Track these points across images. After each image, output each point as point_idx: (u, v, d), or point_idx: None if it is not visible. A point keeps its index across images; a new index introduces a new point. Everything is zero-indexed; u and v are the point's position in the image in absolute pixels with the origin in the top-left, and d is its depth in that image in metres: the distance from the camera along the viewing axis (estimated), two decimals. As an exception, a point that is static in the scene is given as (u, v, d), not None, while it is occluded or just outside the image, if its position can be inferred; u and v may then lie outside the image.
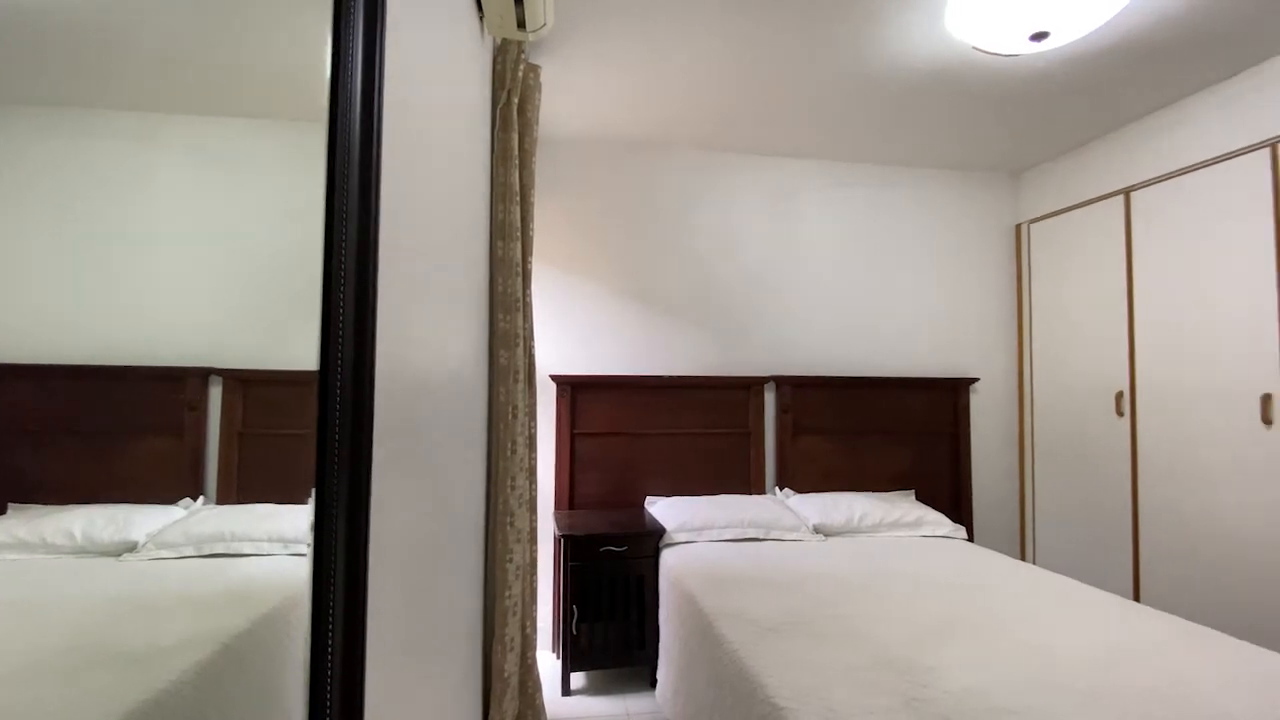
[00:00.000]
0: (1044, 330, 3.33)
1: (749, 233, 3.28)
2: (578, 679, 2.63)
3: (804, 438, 3.22)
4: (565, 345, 3.05)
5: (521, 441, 1.81)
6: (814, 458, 3.22)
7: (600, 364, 3.08)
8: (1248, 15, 2.00)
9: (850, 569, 2.27)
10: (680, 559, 2.43)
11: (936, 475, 3.34)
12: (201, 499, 0.55)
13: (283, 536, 0.62)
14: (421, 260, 1.00)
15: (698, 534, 2.64)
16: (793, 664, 1.52)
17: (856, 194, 3.40)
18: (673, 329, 3.18)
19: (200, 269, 0.57)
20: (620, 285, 3.13)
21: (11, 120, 0.39)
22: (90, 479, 0.44)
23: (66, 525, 0.44)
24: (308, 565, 0.62)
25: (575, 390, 3.00)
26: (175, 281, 0.53)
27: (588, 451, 3.00)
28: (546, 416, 2.98)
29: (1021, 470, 3.46)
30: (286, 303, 0.63)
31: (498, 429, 1.79)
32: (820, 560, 2.38)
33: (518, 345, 1.80)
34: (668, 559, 2.49)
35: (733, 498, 2.96)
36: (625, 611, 2.58)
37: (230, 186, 0.61)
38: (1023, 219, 3.51)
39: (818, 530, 2.77)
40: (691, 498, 2.95)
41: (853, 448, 3.26)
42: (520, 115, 1.96)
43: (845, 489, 3.20)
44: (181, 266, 0.54)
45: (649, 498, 3.03)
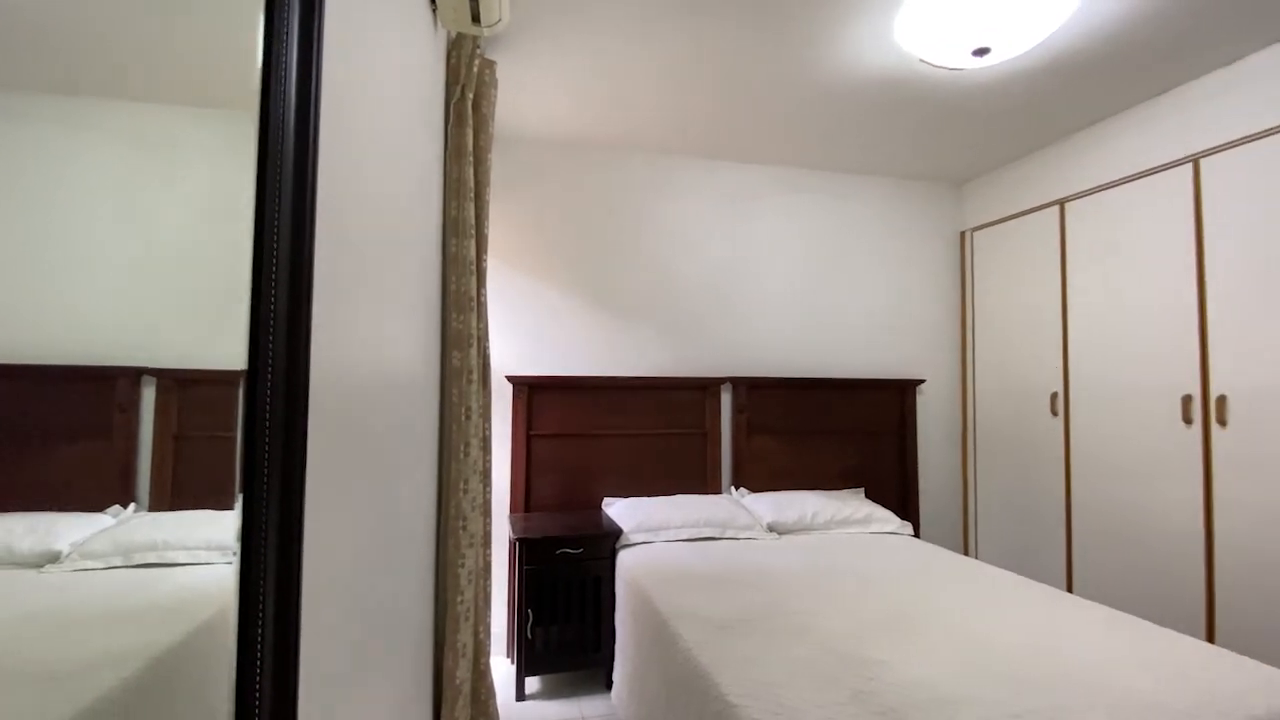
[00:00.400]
0: (986, 333, 3.49)
1: (707, 236, 3.32)
2: (533, 683, 2.61)
3: (759, 437, 3.27)
4: (522, 346, 3.02)
5: (475, 444, 1.78)
6: (768, 457, 3.28)
7: (558, 365, 3.06)
8: (1171, 40, 2.15)
9: (802, 566, 2.32)
10: (637, 560, 2.43)
11: (885, 473, 3.45)
12: (133, 506, 0.52)
13: (220, 544, 0.59)
14: (365, 256, 0.98)
15: (654, 534, 2.65)
16: (745, 661, 1.54)
17: (810, 200, 3.48)
18: (631, 330, 3.18)
19: (131, 262, 0.54)
20: (578, 285, 3.12)
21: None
22: (9, 485, 0.41)
23: (-20, 535, 0.41)
24: (233, 576, 0.59)
25: (532, 391, 2.97)
26: (104, 275, 0.51)
27: (544, 453, 2.98)
28: (502, 418, 2.94)
29: (964, 468, 3.61)
30: (225, 298, 0.61)
31: (450, 431, 1.76)
32: (774, 558, 2.43)
33: (471, 345, 1.77)
34: (625, 560, 2.49)
35: (689, 498, 2.98)
36: (581, 614, 2.57)
37: (163, 176, 0.58)
38: (966, 227, 3.66)
39: (771, 528, 2.83)
40: (649, 498, 2.96)
41: (806, 447, 3.34)
42: (475, 111, 1.93)
43: (798, 487, 3.27)
44: (111, 259, 0.52)
45: (606, 499, 3.02)
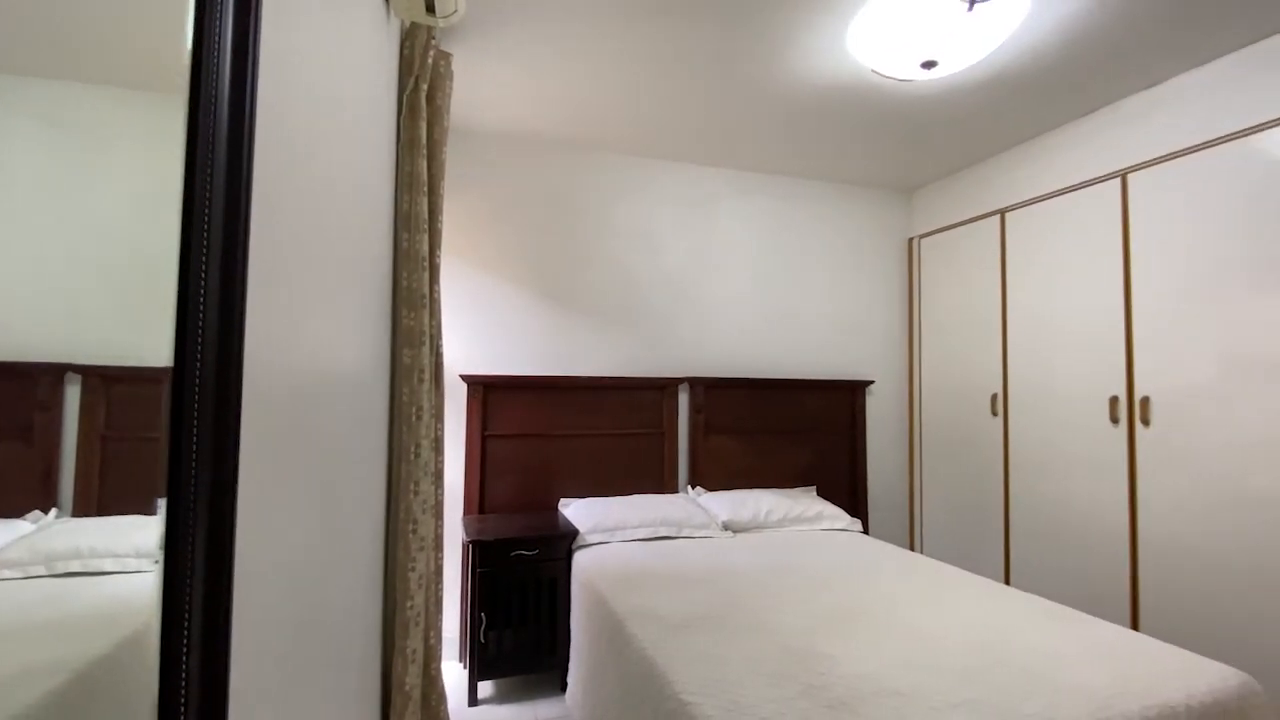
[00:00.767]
0: (931, 337, 3.62)
1: (666, 236, 3.33)
2: (485, 688, 2.57)
3: (716, 437, 3.31)
4: (477, 344, 2.97)
5: (427, 445, 1.74)
6: (725, 456, 3.32)
7: (514, 364, 3.03)
8: (1101, 62, 2.27)
9: (756, 564, 2.36)
10: (593, 560, 2.42)
11: (836, 471, 3.54)
12: (55, 511, 0.49)
13: (151, 552, 0.56)
14: (308, 248, 0.94)
15: (611, 534, 2.65)
16: (699, 659, 1.56)
17: (767, 203, 3.54)
18: (589, 329, 3.17)
19: (56, 251, 0.50)
20: (535, 284, 3.09)
21: None
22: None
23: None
24: (155, 589, 0.55)
25: (487, 391, 2.92)
26: (25, 265, 0.47)
27: (500, 454, 2.93)
28: (456, 418, 2.89)
29: (911, 466, 3.73)
30: (159, 290, 0.57)
31: (400, 431, 1.71)
32: (729, 556, 2.46)
33: (423, 344, 1.73)
34: (581, 560, 2.48)
35: (646, 497, 2.99)
36: (536, 616, 2.54)
37: (91, 160, 0.55)
38: (914, 234, 3.80)
39: (727, 527, 2.86)
40: (606, 499, 2.95)
41: (761, 446, 3.39)
42: (430, 103, 1.89)
43: (753, 486, 3.32)
44: (34, 248, 0.48)
45: (563, 500, 3.00)
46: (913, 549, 3.65)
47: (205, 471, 0.57)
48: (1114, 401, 2.54)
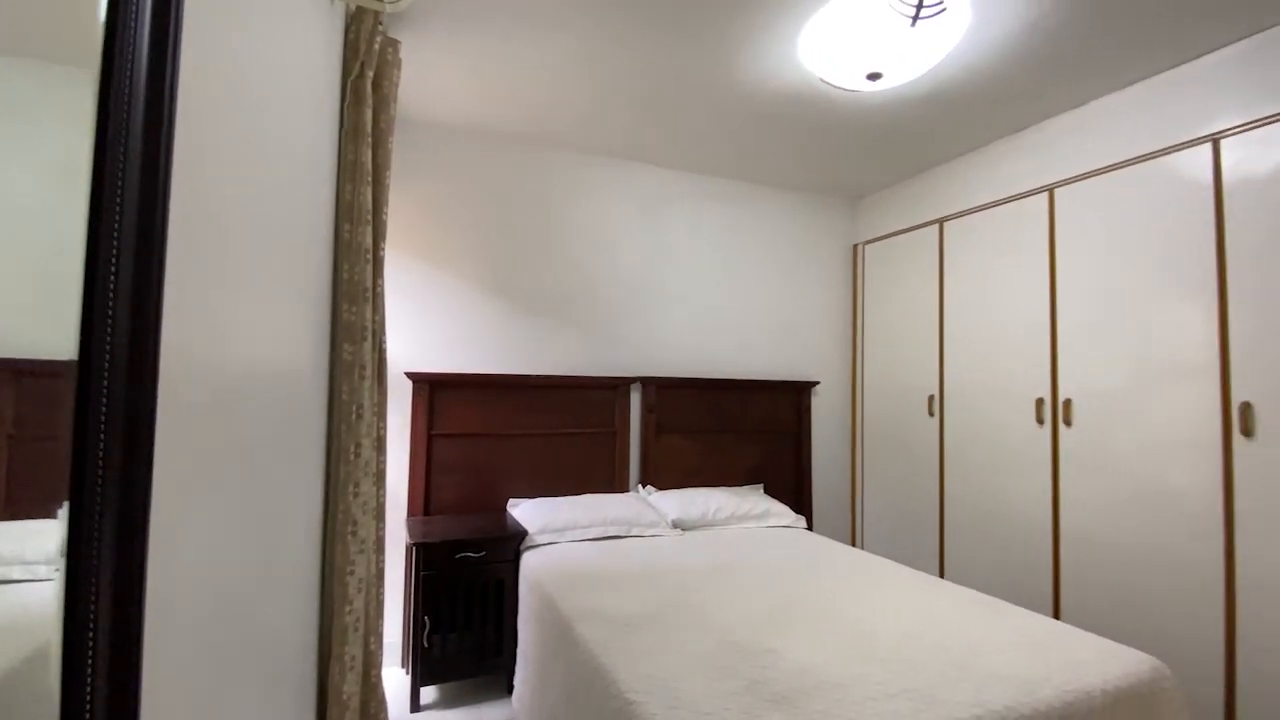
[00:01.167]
0: (874, 339, 3.74)
1: (619, 236, 3.33)
2: (429, 693, 2.50)
3: (667, 436, 3.33)
4: (423, 341, 2.89)
5: (368, 444, 1.68)
6: (676, 455, 3.34)
7: (462, 362, 2.96)
8: (1032, 82, 2.40)
9: (704, 561, 2.38)
10: (541, 561, 2.40)
11: (783, 469, 3.61)
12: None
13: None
14: (236, 235, 0.89)
15: (560, 535, 2.62)
16: (645, 657, 1.56)
17: (719, 207, 3.59)
18: (540, 328, 3.13)
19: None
20: (486, 280, 3.03)
21: None
22: None
23: None
24: (56, 600, 0.51)
25: (434, 389, 2.85)
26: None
27: (446, 454, 2.86)
28: (400, 417, 2.80)
29: (853, 464, 3.85)
30: (76, 279, 0.53)
31: (339, 430, 1.65)
32: (677, 555, 2.47)
33: (365, 339, 1.67)
34: (529, 561, 2.45)
35: (596, 497, 2.98)
36: (483, 619, 2.49)
37: (5, 132, 0.50)
38: (859, 240, 3.92)
39: (676, 525, 2.88)
40: (555, 499, 2.92)
41: (711, 445, 3.43)
42: (376, 91, 1.82)
43: (703, 485, 3.36)
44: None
45: (512, 500, 2.96)
46: (854, 544, 3.77)
47: (113, 473, 0.53)
48: (1040, 403, 2.69)
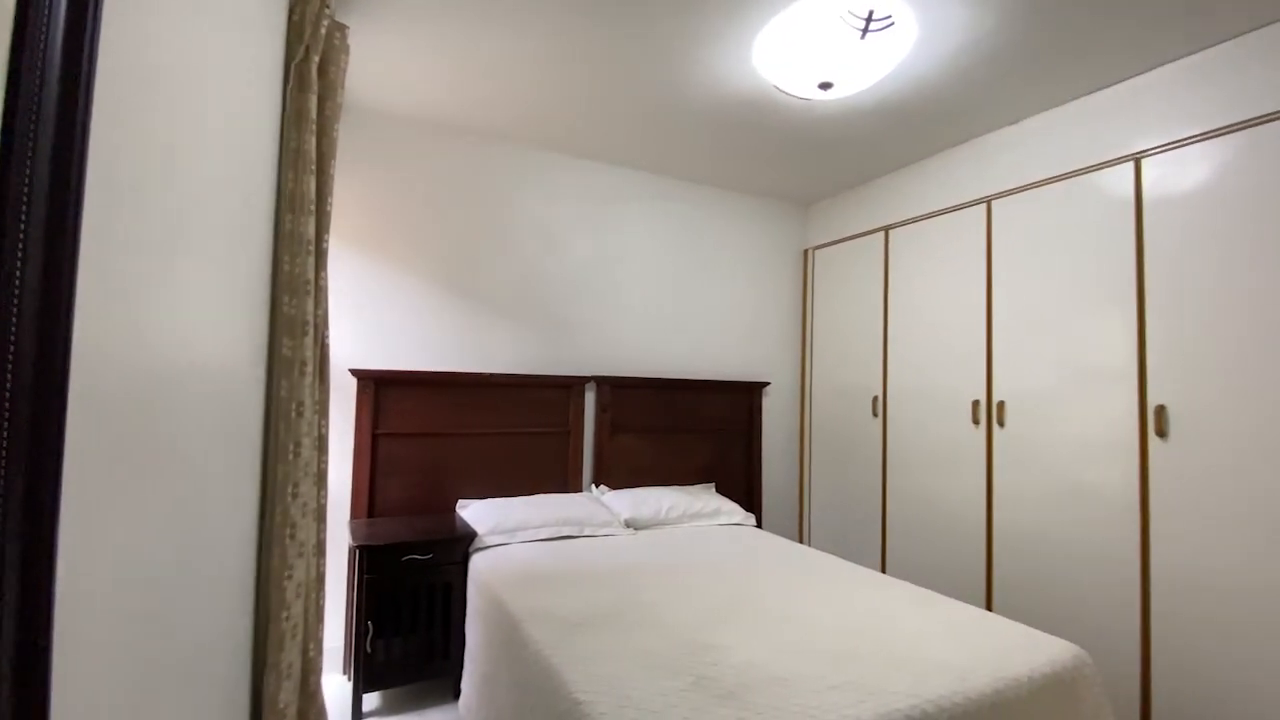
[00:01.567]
0: (822, 342, 3.84)
1: (574, 234, 3.31)
2: (371, 700, 2.43)
3: (621, 436, 3.32)
4: (369, 337, 2.80)
5: (309, 443, 1.62)
6: (629, 455, 3.34)
7: (410, 359, 2.88)
8: (971, 99, 2.51)
9: (655, 560, 2.39)
10: (491, 562, 2.36)
11: (734, 468, 3.67)
12: None
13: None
14: (161, 220, 0.85)
15: (511, 535, 2.59)
16: (594, 657, 1.56)
17: (674, 208, 3.61)
18: (493, 325, 3.08)
19: None
20: (436, 275, 2.96)
21: None
22: None
23: None
24: None
25: (379, 386, 2.76)
26: None
27: (392, 453, 2.78)
28: (344, 415, 2.71)
29: (801, 463, 3.94)
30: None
31: (277, 429, 1.58)
32: (629, 554, 2.48)
33: (307, 334, 1.61)
34: (478, 563, 2.41)
35: (549, 497, 2.95)
36: (429, 622, 2.44)
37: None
38: (809, 245, 4.01)
39: (629, 524, 2.88)
40: (507, 499, 2.88)
41: (665, 445, 3.45)
42: (322, 76, 1.76)
43: (656, 484, 3.37)
44: None
45: (461, 501, 2.90)
46: (801, 541, 3.86)
47: (17, 479, 0.49)
48: (976, 405, 2.81)
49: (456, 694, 2.38)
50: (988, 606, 2.69)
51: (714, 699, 1.37)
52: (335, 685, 2.50)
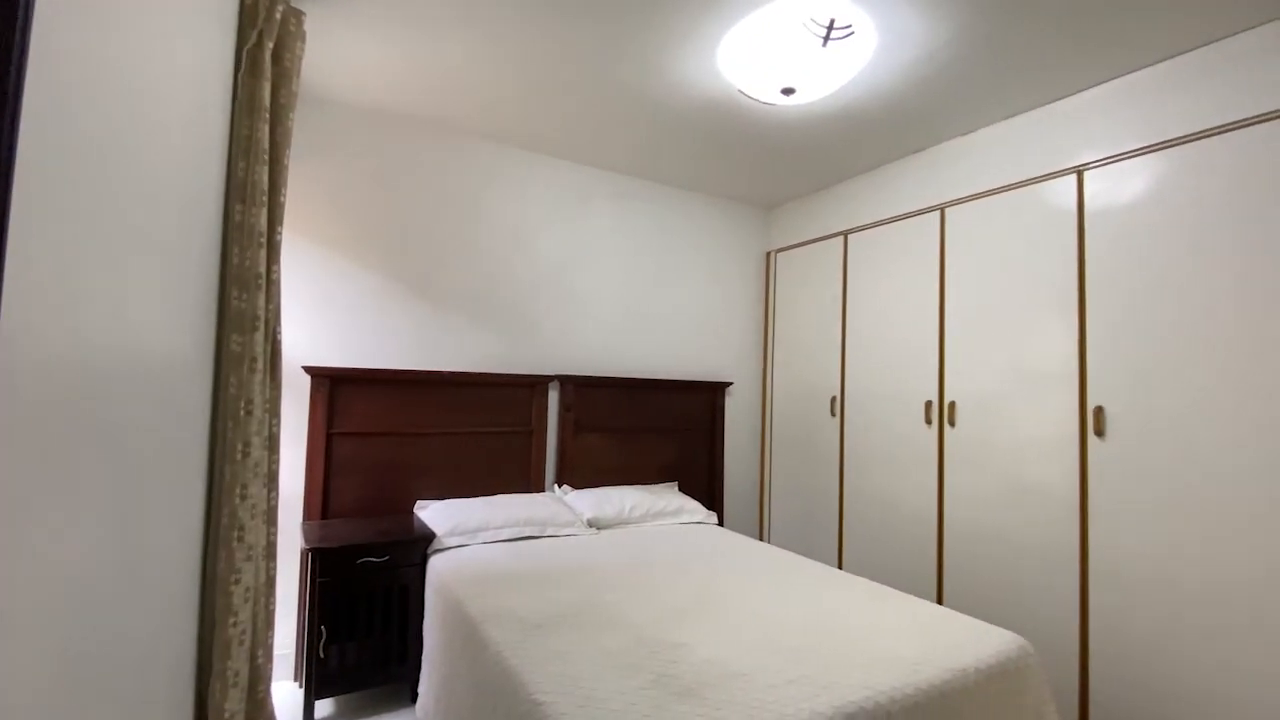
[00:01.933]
0: (783, 343, 3.91)
1: (539, 232, 3.28)
2: (324, 706, 2.36)
3: (585, 435, 3.31)
4: (324, 333, 2.72)
5: (258, 443, 1.56)
6: (593, 454, 3.34)
7: (367, 356, 2.81)
8: (928, 109, 2.59)
9: (617, 559, 2.39)
10: (450, 564, 2.32)
11: (697, 467, 3.70)
12: None
13: None
14: (101, 207, 0.81)
15: (472, 536, 2.55)
16: (554, 657, 1.55)
17: (640, 207, 3.62)
18: (455, 323, 3.03)
19: None
20: (395, 271, 2.89)
21: None
22: None
23: None
24: None
25: (335, 384, 2.69)
26: None
27: (348, 453, 2.71)
28: (297, 414, 2.62)
29: (762, 461, 4.00)
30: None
31: (225, 427, 1.52)
32: (592, 553, 2.47)
33: (257, 329, 1.55)
34: (436, 565, 2.36)
35: (510, 497, 2.92)
36: (385, 626, 2.38)
37: None
38: (772, 248, 4.07)
39: (592, 524, 2.88)
40: (467, 499, 2.84)
41: (629, 444, 3.46)
42: (276, 63, 1.70)
43: (620, 483, 3.37)
44: None
45: (420, 501, 2.84)
46: (762, 538, 3.91)
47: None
48: (929, 405, 2.90)
49: (413, 699, 2.33)
50: (939, 600, 2.78)
51: (673, 696, 1.37)
52: (286, 692, 2.42)
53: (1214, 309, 2.00)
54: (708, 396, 3.76)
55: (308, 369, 2.61)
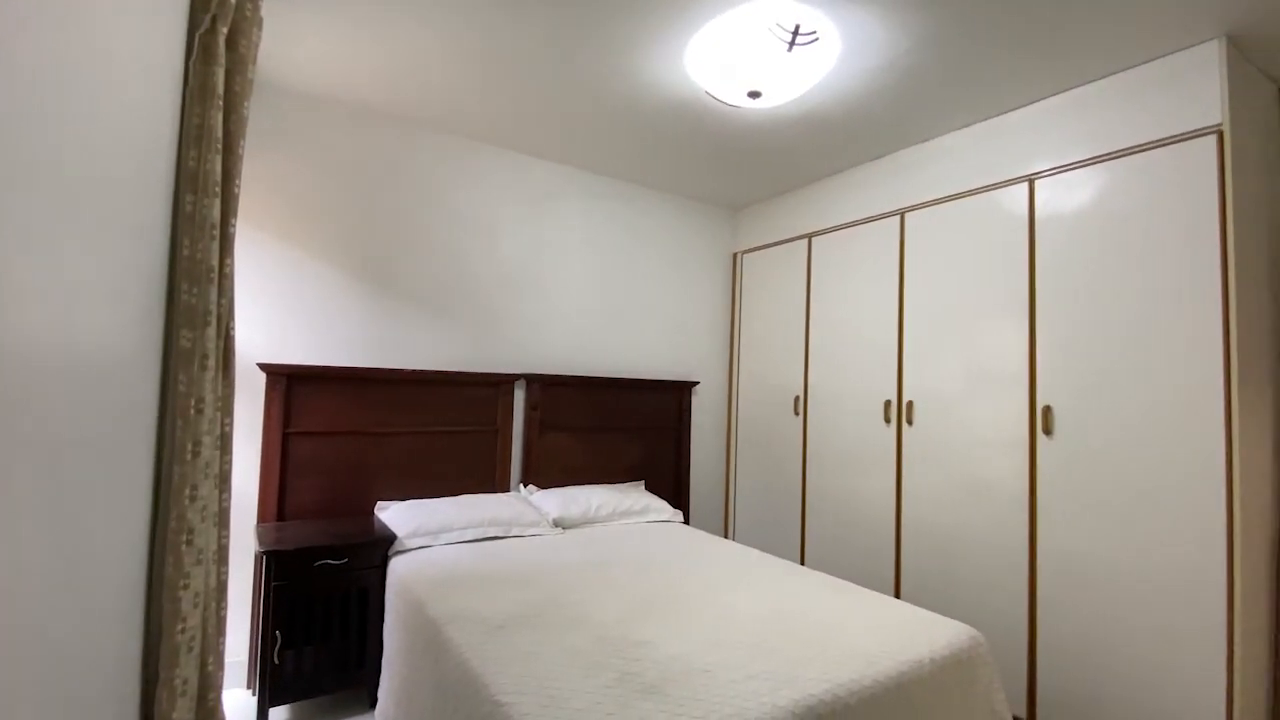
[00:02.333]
0: (749, 343, 3.95)
1: (505, 229, 3.25)
2: (279, 714, 2.30)
3: (551, 434, 3.29)
4: (280, 329, 2.64)
5: (209, 442, 1.51)
6: (559, 454, 3.32)
7: (325, 353, 2.74)
8: (888, 116, 2.65)
9: (582, 558, 2.39)
10: (411, 566, 2.28)
11: (663, 466, 3.71)
12: None
13: None
14: (40, 201, 0.77)
15: (434, 538, 2.51)
16: (517, 657, 1.54)
17: (607, 206, 3.61)
18: (417, 320, 2.98)
19: None
20: (356, 266, 2.83)
21: None
22: None
23: None
24: None
25: (291, 382, 2.61)
26: None
27: (305, 453, 2.64)
28: (251, 413, 2.54)
29: (728, 460, 4.04)
30: None
31: (174, 427, 1.47)
32: (557, 553, 2.46)
33: (209, 324, 1.50)
34: (397, 567, 2.32)
35: (475, 497, 2.89)
36: (344, 630, 2.33)
37: None
38: (738, 249, 4.12)
39: (557, 524, 2.86)
40: (430, 500, 2.79)
41: (595, 443, 3.45)
42: (230, 49, 1.64)
43: (586, 482, 3.37)
44: None
45: (380, 502, 2.79)
46: (727, 536, 3.95)
47: None
48: (888, 405, 2.97)
49: (373, 704, 2.28)
50: (896, 594, 2.85)
51: (637, 693, 1.38)
52: (239, 700, 2.34)
53: (1156, 313, 2.10)
54: (675, 396, 3.78)
55: (263, 366, 2.53)
